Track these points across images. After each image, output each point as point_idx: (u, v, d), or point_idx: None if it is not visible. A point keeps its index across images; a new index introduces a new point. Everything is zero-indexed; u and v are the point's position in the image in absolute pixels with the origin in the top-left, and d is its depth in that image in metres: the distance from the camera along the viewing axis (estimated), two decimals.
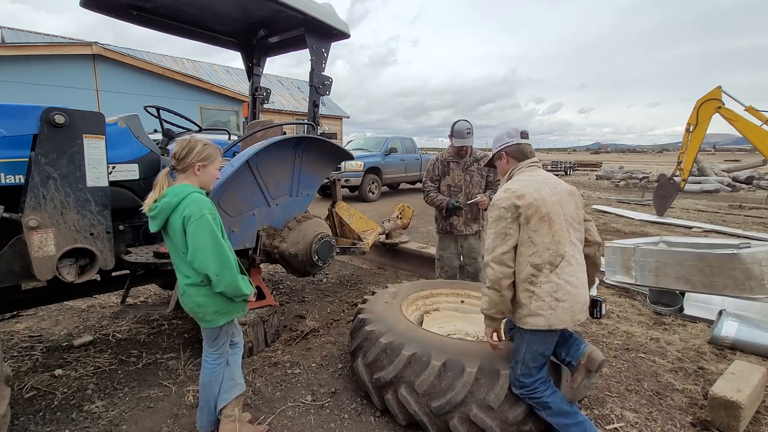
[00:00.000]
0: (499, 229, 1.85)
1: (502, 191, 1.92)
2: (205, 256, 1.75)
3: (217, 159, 1.91)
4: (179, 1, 3.08)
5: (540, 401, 1.86)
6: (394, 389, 2.13)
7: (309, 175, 3.37)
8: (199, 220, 1.74)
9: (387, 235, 4.97)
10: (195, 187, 1.84)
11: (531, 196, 1.83)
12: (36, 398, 2.45)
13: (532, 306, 1.82)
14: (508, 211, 1.83)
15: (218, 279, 1.77)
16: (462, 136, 3.49)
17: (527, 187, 1.87)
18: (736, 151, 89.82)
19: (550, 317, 1.80)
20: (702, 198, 12.87)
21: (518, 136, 2.08)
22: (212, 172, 1.90)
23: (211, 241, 1.75)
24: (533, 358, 1.87)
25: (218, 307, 1.88)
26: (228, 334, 2.03)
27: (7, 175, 2.05)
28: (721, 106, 7.25)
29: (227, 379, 2.06)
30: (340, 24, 3.44)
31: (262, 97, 4.33)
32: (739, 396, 2.16)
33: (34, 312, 3.71)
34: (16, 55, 10.16)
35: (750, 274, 3.47)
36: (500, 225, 1.85)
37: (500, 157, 2.13)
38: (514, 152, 2.07)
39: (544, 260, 1.81)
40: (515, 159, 2.07)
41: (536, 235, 1.82)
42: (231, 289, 1.82)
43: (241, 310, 2.01)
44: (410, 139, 14.29)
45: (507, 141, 2.09)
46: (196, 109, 13.37)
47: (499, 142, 2.12)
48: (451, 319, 2.98)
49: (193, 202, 1.76)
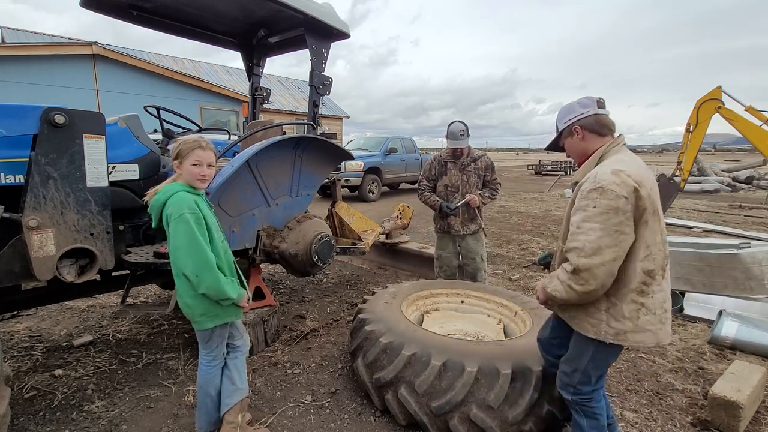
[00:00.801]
0: (612, 225, 1.40)
1: (608, 171, 1.46)
2: (182, 256, 1.74)
3: (190, 155, 1.83)
4: (179, 1, 3.08)
5: (592, 411, 1.67)
6: (394, 389, 2.13)
7: (309, 175, 3.37)
8: (177, 219, 1.73)
9: (387, 235, 4.97)
10: (183, 185, 1.84)
11: (648, 183, 1.45)
12: (36, 398, 2.45)
13: (640, 321, 1.48)
14: (629, 202, 1.41)
15: (198, 280, 1.75)
16: (455, 138, 3.48)
17: (640, 172, 1.48)
18: (736, 151, 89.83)
19: (659, 333, 1.49)
20: (702, 198, 12.87)
21: (594, 105, 1.65)
22: (187, 168, 1.83)
23: (188, 241, 1.73)
24: (596, 367, 1.63)
25: (205, 309, 1.85)
26: (221, 338, 1.99)
27: (7, 175, 2.05)
28: (721, 106, 7.24)
29: (227, 384, 2.02)
30: (340, 24, 3.44)
31: (262, 97, 4.33)
32: (739, 396, 2.16)
33: (34, 312, 3.71)
34: (16, 55, 10.16)
35: (750, 274, 3.47)
36: (614, 220, 1.40)
37: (573, 133, 1.68)
38: (593, 125, 1.63)
39: (658, 265, 1.47)
40: (597, 134, 1.64)
41: (650, 233, 1.46)
42: (213, 291, 1.78)
43: (234, 315, 1.95)
44: (410, 139, 14.30)
45: (581, 112, 1.66)
46: (196, 109, 13.37)
47: (570, 114, 1.69)
48: (451, 319, 2.98)
49: (175, 201, 1.76)
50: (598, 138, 1.66)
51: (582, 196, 1.50)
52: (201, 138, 1.89)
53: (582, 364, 1.64)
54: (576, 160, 1.76)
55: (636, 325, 1.48)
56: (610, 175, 1.45)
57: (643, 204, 1.43)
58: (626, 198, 1.41)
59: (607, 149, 1.62)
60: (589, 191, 1.47)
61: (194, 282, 1.76)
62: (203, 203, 1.89)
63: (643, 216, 1.44)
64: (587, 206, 1.46)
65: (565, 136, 1.74)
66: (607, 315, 1.51)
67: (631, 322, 1.48)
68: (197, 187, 1.87)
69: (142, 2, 3.06)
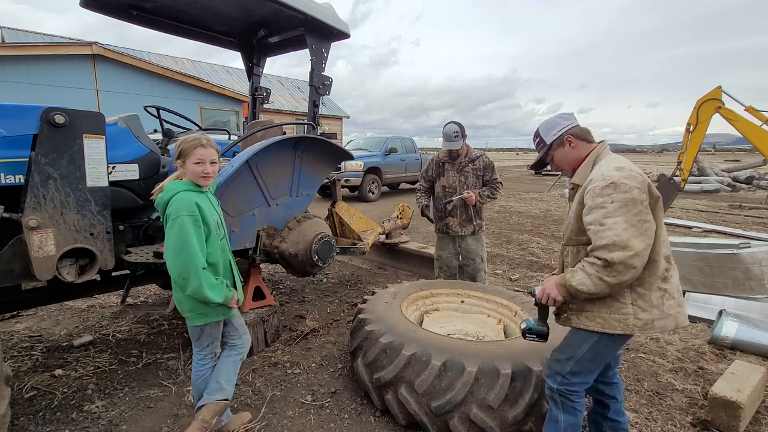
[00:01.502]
0: (633, 216, 1.45)
1: (612, 169, 1.54)
2: (172, 257, 1.75)
3: (192, 153, 1.83)
4: (179, 1, 3.08)
5: (572, 406, 1.67)
6: (394, 389, 2.13)
7: (309, 175, 3.37)
8: (174, 220, 1.73)
9: (387, 235, 4.97)
10: (187, 184, 1.84)
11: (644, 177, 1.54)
12: (36, 398, 2.45)
13: (665, 307, 1.53)
14: (643, 192, 1.49)
15: (184, 283, 1.75)
16: (449, 139, 3.44)
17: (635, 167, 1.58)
18: (736, 151, 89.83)
19: (678, 316, 1.55)
20: (702, 198, 12.87)
21: (574, 117, 1.81)
22: (190, 166, 1.84)
23: (180, 243, 1.73)
24: (593, 359, 1.63)
25: (193, 306, 1.86)
26: (212, 337, 1.99)
27: (7, 175, 2.05)
28: (721, 106, 7.25)
29: (212, 381, 1.99)
30: (340, 24, 3.44)
31: (262, 97, 4.33)
32: (739, 396, 2.16)
33: (34, 312, 3.70)
34: (16, 55, 10.16)
35: (750, 274, 3.48)
36: (634, 210, 1.45)
37: (564, 142, 1.77)
38: (581, 133, 1.76)
39: (670, 250, 1.57)
40: (586, 141, 1.76)
41: (659, 221, 1.54)
42: (196, 295, 1.78)
43: (222, 314, 1.95)
44: (410, 139, 14.30)
45: (567, 124, 1.77)
46: (196, 109, 13.37)
47: (556, 127, 1.79)
48: (451, 319, 2.98)
49: (176, 201, 1.76)
50: (587, 144, 1.76)
51: (595, 194, 1.53)
52: (202, 135, 1.89)
53: (579, 353, 1.64)
54: (567, 168, 1.82)
55: (662, 312, 1.52)
56: (616, 172, 1.52)
57: (655, 193, 1.53)
58: (639, 188, 1.48)
59: (600, 152, 1.71)
60: (602, 188, 1.51)
61: (179, 284, 1.78)
62: (206, 201, 1.88)
63: (658, 203, 1.53)
64: (604, 203, 1.49)
65: (555, 147, 1.80)
66: (634, 308, 1.53)
67: (658, 310, 1.52)
68: (201, 185, 1.87)
69: (142, 2, 3.06)
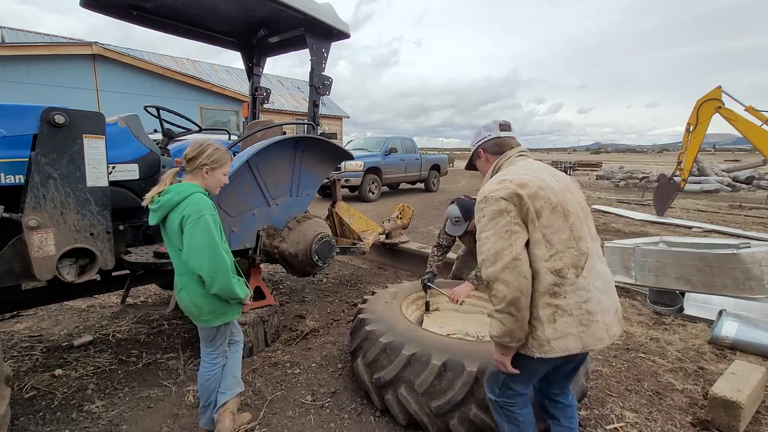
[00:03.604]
0: (500, 227, 1.41)
1: (494, 182, 1.51)
2: (199, 257, 1.76)
3: (226, 164, 1.94)
4: (179, 1, 3.08)
5: (515, 417, 1.60)
6: (394, 389, 2.13)
7: (309, 175, 3.37)
8: (197, 220, 1.75)
9: (387, 235, 4.97)
10: (199, 187, 1.87)
11: (535, 184, 1.46)
12: (36, 398, 2.45)
13: (558, 324, 1.41)
14: (510, 203, 1.42)
15: (212, 281, 1.79)
16: (452, 224, 3.10)
17: (526, 175, 1.50)
18: (736, 151, 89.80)
19: (583, 335, 1.41)
20: (702, 198, 12.87)
21: (497, 128, 1.73)
22: (219, 176, 1.94)
23: (207, 242, 1.76)
24: (521, 371, 1.52)
25: (214, 307, 1.89)
26: (225, 336, 2.05)
27: (7, 175, 2.05)
28: (721, 106, 7.25)
29: (228, 376, 2.08)
30: (340, 24, 3.44)
31: (262, 97, 4.33)
32: (739, 396, 2.16)
33: (34, 312, 3.70)
34: (16, 55, 10.15)
35: (750, 274, 3.47)
36: (501, 222, 1.41)
37: (478, 156, 1.77)
38: (493, 147, 1.72)
39: (567, 263, 1.43)
40: (497, 155, 1.71)
41: (552, 232, 1.43)
42: (224, 292, 1.83)
43: (238, 313, 2.03)
44: (410, 139, 14.29)
45: (485, 135, 1.74)
46: (196, 109, 13.37)
47: (477, 137, 1.78)
48: (451, 319, 2.98)
49: (194, 202, 1.78)
50: (495, 157, 1.72)
51: (476, 210, 1.53)
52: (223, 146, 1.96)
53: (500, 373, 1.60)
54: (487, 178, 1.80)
55: (556, 330, 1.41)
56: (494, 185, 1.49)
57: (533, 203, 1.43)
58: (505, 200, 1.43)
59: (501, 163, 1.68)
60: (478, 203, 1.51)
61: (207, 282, 1.80)
62: None
63: (541, 215, 1.43)
64: (479, 218, 1.49)
65: (474, 157, 1.82)
66: (531, 326, 1.44)
67: (551, 328, 1.42)
68: (214, 193, 1.97)
69: (142, 2, 3.06)
